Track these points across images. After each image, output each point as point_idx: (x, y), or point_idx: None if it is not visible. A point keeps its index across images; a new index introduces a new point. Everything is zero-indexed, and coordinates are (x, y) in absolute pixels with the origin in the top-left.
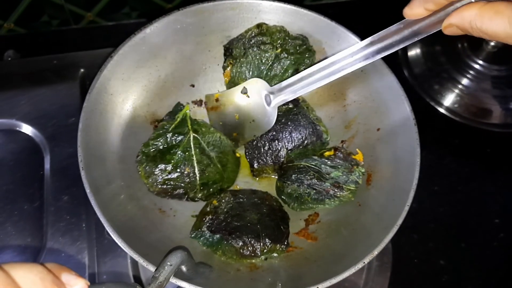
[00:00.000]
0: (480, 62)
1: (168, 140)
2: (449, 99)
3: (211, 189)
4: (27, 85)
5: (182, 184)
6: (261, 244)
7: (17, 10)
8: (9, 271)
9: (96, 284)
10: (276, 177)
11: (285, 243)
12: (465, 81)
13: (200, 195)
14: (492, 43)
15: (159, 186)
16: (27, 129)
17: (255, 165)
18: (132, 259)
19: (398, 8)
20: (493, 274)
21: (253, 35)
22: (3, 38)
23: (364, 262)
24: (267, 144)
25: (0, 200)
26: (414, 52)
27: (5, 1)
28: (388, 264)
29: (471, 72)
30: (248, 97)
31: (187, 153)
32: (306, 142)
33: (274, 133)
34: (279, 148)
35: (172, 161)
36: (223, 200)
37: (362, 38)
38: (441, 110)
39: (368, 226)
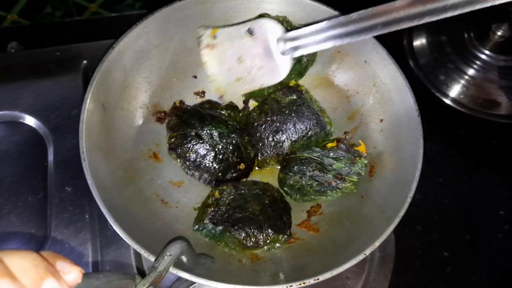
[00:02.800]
0: (487, 52)
1: None
2: (455, 90)
3: None
4: (31, 77)
5: None
6: (264, 234)
7: (20, 2)
8: (3, 258)
9: (92, 273)
10: (279, 167)
11: (288, 233)
12: (471, 71)
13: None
14: (499, 33)
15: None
16: (30, 120)
17: (259, 157)
18: (135, 250)
19: None
20: (497, 266)
21: None
22: (7, 30)
23: (365, 254)
24: (271, 135)
25: (5, 192)
26: (419, 42)
27: None
28: (391, 256)
29: (478, 62)
30: (255, 38)
31: None
32: (310, 133)
33: (278, 124)
34: (283, 140)
35: None
36: (225, 192)
37: None
38: (447, 101)
39: (370, 217)
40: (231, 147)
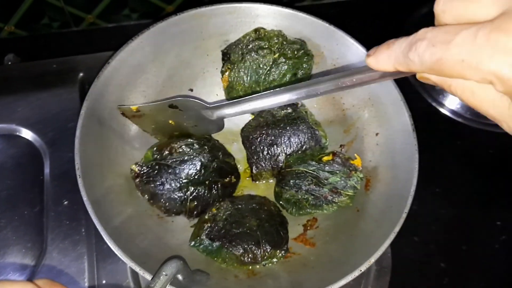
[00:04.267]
0: None
1: None
2: (452, 100)
3: None
4: (27, 90)
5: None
6: (261, 250)
7: (17, 13)
8: None
9: None
10: (275, 181)
11: (285, 248)
12: None
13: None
14: None
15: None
16: (27, 134)
17: (254, 170)
18: None
19: (400, 6)
20: (494, 277)
21: (250, 40)
22: (4, 41)
23: (361, 270)
24: (266, 149)
25: (1, 205)
26: None
27: (6, 4)
28: (388, 269)
29: None
30: (181, 110)
31: None
32: (305, 147)
33: (273, 137)
34: (278, 153)
35: None
36: (222, 207)
37: (362, 41)
38: (443, 110)
39: (366, 232)
40: (206, 182)
